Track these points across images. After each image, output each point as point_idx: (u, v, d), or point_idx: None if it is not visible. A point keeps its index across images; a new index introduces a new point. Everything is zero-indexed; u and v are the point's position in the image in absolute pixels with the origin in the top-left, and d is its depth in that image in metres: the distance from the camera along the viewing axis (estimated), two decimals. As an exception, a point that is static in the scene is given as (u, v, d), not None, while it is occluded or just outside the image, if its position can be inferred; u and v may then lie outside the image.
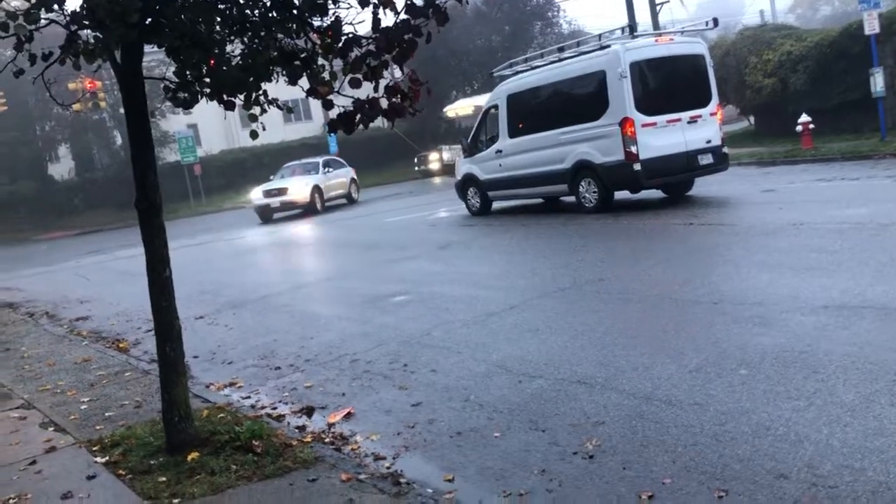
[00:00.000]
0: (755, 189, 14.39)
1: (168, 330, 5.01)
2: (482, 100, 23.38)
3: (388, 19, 4.29)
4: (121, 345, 9.31)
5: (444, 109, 36.67)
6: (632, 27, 17.32)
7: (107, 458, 5.21)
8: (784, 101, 22.33)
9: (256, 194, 26.97)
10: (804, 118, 19.40)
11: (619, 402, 5.15)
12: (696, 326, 6.60)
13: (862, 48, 17.99)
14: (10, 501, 4.69)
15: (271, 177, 28.65)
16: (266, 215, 26.28)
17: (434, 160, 35.67)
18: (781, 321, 6.32)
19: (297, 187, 26.04)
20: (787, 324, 6.23)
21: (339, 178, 28.68)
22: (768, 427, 4.41)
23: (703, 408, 4.83)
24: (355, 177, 30.01)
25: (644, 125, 13.36)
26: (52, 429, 6.16)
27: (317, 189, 26.41)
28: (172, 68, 4.90)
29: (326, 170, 28.04)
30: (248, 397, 6.56)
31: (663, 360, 5.83)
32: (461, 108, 35.08)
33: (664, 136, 13.51)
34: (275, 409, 6.14)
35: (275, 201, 26.11)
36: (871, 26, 17.03)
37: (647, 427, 4.69)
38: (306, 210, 26.19)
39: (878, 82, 17.33)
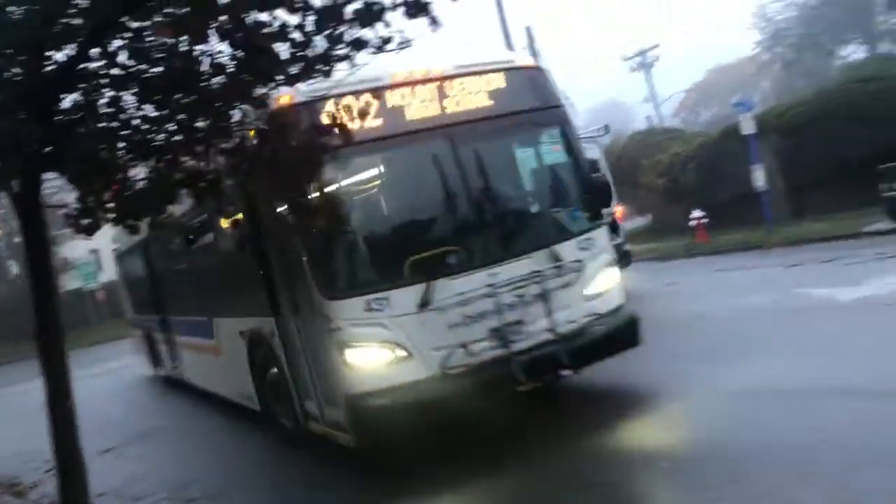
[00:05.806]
0: (659, 283, 14.91)
1: (70, 468, 4.75)
2: None
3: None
4: (17, 489, 8.69)
5: None
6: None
7: None
8: (677, 198, 23.56)
9: None
10: (697, 213, 20.45)
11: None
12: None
13: (741, 147, 19.29)
14: None
15: None
16: None
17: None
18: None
19: None
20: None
21: None
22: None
23: None
24: None
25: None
26: (-62, 588, 5.63)
27: None
28: (74, 194, 4.86)
29: None
30: (161, 534, 6.20)
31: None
32: None
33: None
34: (190, 544, 5.81)
35: None
36: (748, 127, 18.38)
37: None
38: None
39: (758, 178, 18.54)
